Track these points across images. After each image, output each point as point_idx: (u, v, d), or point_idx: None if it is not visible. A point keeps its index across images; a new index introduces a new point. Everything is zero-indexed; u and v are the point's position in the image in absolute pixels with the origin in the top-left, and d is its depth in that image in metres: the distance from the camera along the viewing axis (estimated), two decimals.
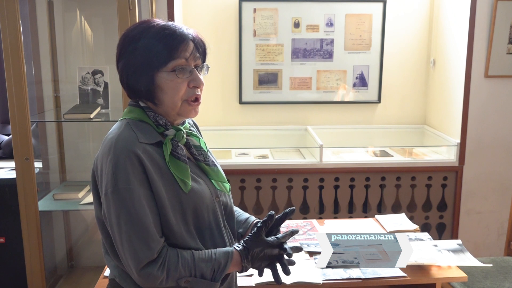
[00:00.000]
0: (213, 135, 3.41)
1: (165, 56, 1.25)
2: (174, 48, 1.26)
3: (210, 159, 1.41)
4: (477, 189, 3.18)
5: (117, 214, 1.22)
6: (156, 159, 1.27)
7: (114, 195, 1.22)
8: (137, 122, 1.31)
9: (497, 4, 2.94)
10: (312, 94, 3.49)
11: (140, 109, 1.33)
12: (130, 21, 2.40)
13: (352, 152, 3.31)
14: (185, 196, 1.29)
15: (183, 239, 1.29)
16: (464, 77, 3.04)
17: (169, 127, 1.32)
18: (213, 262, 1.28)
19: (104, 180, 1.24)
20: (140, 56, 1.26)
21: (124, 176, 1.21)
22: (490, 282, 2.26)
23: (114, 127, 1.34)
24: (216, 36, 3.37)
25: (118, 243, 1.23)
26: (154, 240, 1.23)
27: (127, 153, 1.23)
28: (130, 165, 1.22)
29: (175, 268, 1.24)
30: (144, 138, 1.27)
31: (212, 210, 1.36)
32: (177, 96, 1.28)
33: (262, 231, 1.34)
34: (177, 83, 1.27)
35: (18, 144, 2.42)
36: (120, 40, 1.31)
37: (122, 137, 1.25)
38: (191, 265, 1.26)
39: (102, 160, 1.26)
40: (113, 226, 1.23)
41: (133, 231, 1.21)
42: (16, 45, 2.33)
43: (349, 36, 3.42)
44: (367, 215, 3.12)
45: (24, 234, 2.50)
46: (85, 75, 2.79)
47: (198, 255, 1.28)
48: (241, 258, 1.31)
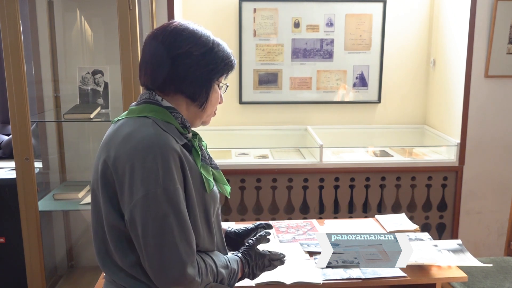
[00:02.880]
0: (213, 135, 3.41)
1: (228, 70, 1.36)
2: (231, 69, 1.37)
3: (213, 162, 1.44)
4: (477, 189, 3.18)
5: (162, 215, 1.17)
6: (189, 159, 1.29)
7: (161, 195, 1.17)
8: (162, 122, 1.28)
9: (497, 4, 2.94)
10: (312, 94, 3.49)
11: (164, 109, 1.30)
12: (130, 21, 2.40)
13: (352, 152, 3.31)
14: (208, 197, 1.32)
15: (204, 240, 1.32)
16: (464, 77, 3.04)
17: (190, 130, 1.37)
18: (230, 269, 1.37)
19: (142, 181, 1.17)
20: (211, 63, 1.31)
21: (171, 176, 1.19)
22: (490, 282, 2.26)
23: (134, 125, 1.26)
24: (216, 36, 3.36)
25: (153, 246, 1.17)
26: (194, 242, 1.24)
27: (172, 152, 1.21)
28: (174, 164, 1.21)
29: (205, 274, 1.27)
30: (177, 139, 1.28)
31: (217, 211, 1.42)
32: (214, 107, 1.39)
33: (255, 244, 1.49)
34: (219, 96, 1.39)
35: (18, 144, 2.42)
36: (186, 38, 1.29)
37: (161, 135, 1.23)
38: (215, 271, 1.31)
39: (132, 160, 1.19)
40: (149, 229, 1.17)
41: (178, 232, 1.19)
42: (16, 45, 2.33)
43: (349, 36, 3.42)
44: (367, 215, 3.12)
45: (24, 234, 2.50)
46: (85, 75, 2.79)
47: (218, 262, 1.34)
48: (243, 266, 1.43)
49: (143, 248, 1.19)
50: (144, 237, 1.18)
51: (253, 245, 1.47)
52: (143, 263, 1.21)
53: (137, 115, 1.29)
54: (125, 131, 1.24)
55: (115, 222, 1.24)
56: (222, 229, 1.50)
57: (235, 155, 3.25)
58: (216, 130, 3.45)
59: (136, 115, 1.29)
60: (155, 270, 1.18)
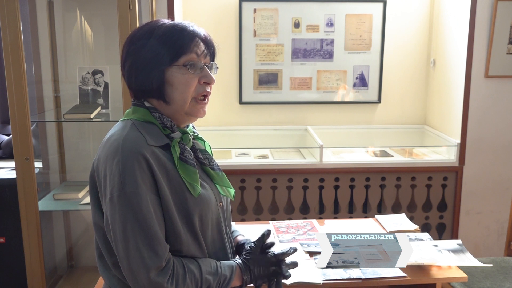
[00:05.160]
0: (213, 135, 3.41)
1: (177, 51, 1.23)
2: (186, 43, 1.24)
3: (215, 163, 1.38)
4: (477, 189, 3.18)
5: (123, 219, 1.16)
6: (164, 162, 1.23)
7: (121, 199, 1.16)
8: (143, 123, 1.26)
9: (497, 4, 2.94)
10: (312, 94, 3.49)
11: (145, 109, 1.28)
12: (130, 21, 2.40)
13: (352, 152, 3.31)
14: (192, 201, 1.25)
15: (188, 246, 1.26)
16: (464, 77, 3.04)
17: (175, 129, 1.29)
18: (219, 276, 1.27)
19: (109, 184, 1.18)
20: (151, 52, 1.23)
21: (132, 180, 1.16)
22: (490, 282, 2.26)
23: (116, 127, 1.28)
24: (216, 36, 3.30)
25: (122, 250, 1.17)
26: (162, 247, 1.18)
27: (136, 156, 1.18)
28: (139, 168, 1.17)
29: (183, 281, 1.20)
30: (152, 140, 1.23)
31: (215, 216, 1.34)
32: (187, 92, 1.25)
33: (257, 247, 1.37)
34: (188, 78, 1.24)
35: (18, 144, 2.42)
36: (127, 40, 1.29)
37: (130, 138, 1.20)
38: (198, 278, 1.23)
39: (106, 162, 1.20)
40: (116, 232, 1.17)
41: (140, 237, 1.16)
42: (16, 45, 2.33)
43: (349, 36, 3.42)
44: (367, 215, 3.12)
45: (24, 234, 2.50)
46: (85, 75, 2.79)
47: (204, 267, 1.25)
48: (242, 273, 1.33)
49: (116, 252, 1.20)
50: (115, 241, 1.19)
51: (255, 247, 1.37)
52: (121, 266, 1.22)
53: (124, 118, 1.31)
54: (108, 135, 1.27)
55: (99, 222, 1.27)
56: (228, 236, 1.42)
57: (235, 155, 3.25)
58: (216, 130, 3.45)
59: (123, 118, 1.31)
60: (126, 274, 1.19)
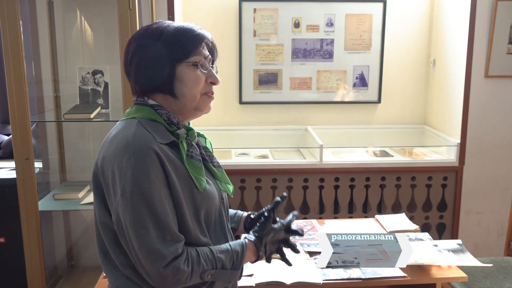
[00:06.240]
0: (213, 135, 3.41)
1: (189, 49, 1.28)
2: (198, 43, 1.29)
3: (215, 160, 1.42)
4: (477, 189, 3.18)
5: (137, 213, 1.18)
6: (172, 158, 1.26)
7: (134, 194, 1.18)
8: (148, 122, 1.28)
9: (497, 4, 2.94)
10: (312, 94, 3.49)
11: (149, 107, 1.30)
12: (130, 21, 2.40)
13: (352, 152, 3.31)
14: (199, 196, 1.28)
15: (197, 238, 1.29)
16: (464, 77, 3.04)
17: (181, 126, 1.32)
18: (231, 253, 1.31)
19: (119, 180, 1.19)
20: (162, 48, 1.26)
21: (146, 175, 1.19)
22: (490, 282, 2.26)
23: (118, 126, 1.30)
24: (216, 36, 3.31)
25: (138, 244, 1.18)
26: (178, 238, 1.22)
27: (148, 151, 1.20)
28: (151, 163, 1.20)
29: (197, 262, 1.23)
30: (159, 138, 1.25)
31: (218, 211, 1.37)
32: (196, 89, 1.29)
33: (269, 220, 1.41)
34: (198, 75, 1.29)
35: (18, 144, 2.42)
36: (132, 39, 1.30)
37: (139, 135, 1.22)
38: (211, 258, 1.27)
39: (113, 160, 1.21)
40: (130, 227, 1.19)
41: (155, 230, 1.18)
42: (16, 45, 2.33)
43: (349, 36, 3.42)
44: (367, 215, 3.12)
45: (24, 234, 2.50)
46: (85, 75, 2.79)
47: (215, 248, 1.29)
48: (256, 248, 1.36)
49: (130, 246, 1.21)
50: (128, 236, 1.20)
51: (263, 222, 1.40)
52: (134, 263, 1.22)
53: (127, 117, 1.31)
54: (112, 134, 1.28)
55: (106, 221, 1.27)
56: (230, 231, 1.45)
57: (235, 155, 3.25)
58: (216, 130, 3.45)
59: (126, 117, 1.31)
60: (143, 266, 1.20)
